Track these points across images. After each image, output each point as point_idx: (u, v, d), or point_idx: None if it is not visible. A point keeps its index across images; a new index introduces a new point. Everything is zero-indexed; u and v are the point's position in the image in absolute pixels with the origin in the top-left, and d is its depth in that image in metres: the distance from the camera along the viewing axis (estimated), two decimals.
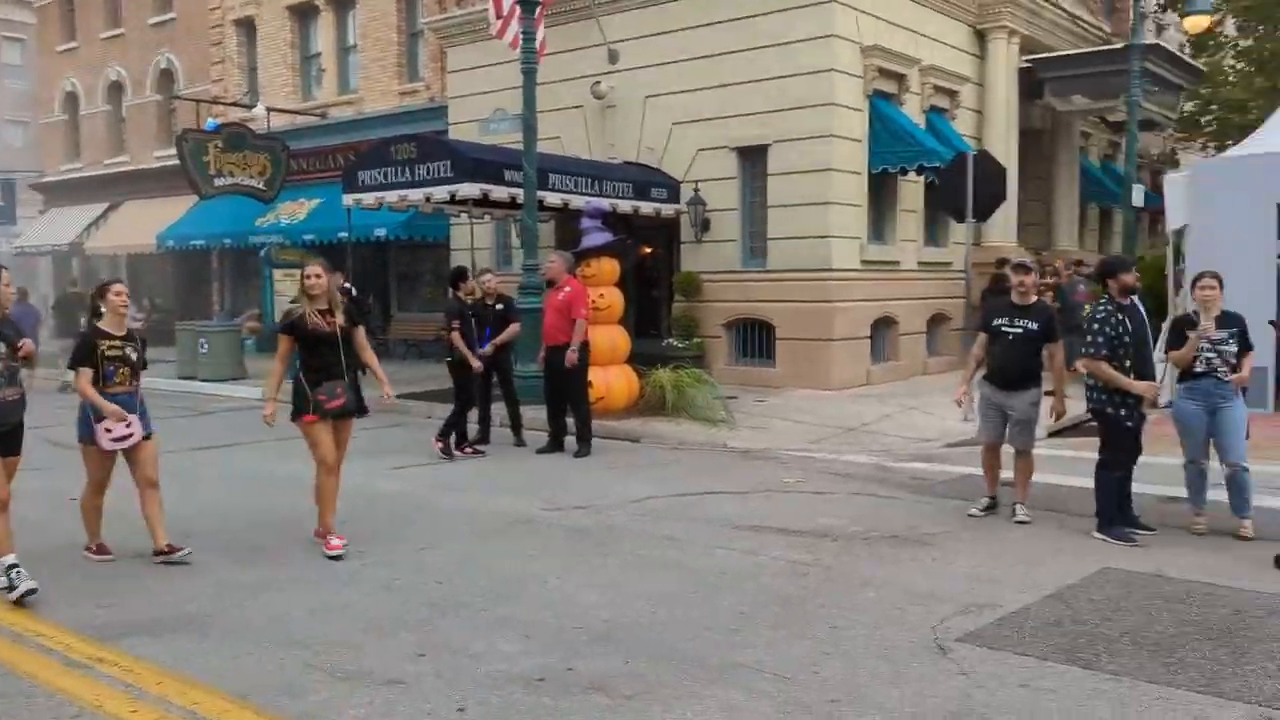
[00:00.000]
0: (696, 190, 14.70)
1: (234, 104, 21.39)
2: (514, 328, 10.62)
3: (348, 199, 14.42)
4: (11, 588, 5.30)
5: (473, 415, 10.45)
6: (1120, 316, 6.34)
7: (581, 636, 4.64)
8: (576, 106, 15.95)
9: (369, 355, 6.57)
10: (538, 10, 12.82)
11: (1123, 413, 6.30)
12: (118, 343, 5.99)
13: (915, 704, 3.83)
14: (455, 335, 10.02)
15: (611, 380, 11.44)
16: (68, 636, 4.77)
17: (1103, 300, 6.50)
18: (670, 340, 14.57)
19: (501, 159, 13.56)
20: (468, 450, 10.10)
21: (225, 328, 16.98)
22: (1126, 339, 6.29)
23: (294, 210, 20.63)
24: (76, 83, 27.37)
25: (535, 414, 11.09)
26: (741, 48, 14.16)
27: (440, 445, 9.83)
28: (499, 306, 10.61)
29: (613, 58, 15.45)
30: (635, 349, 12.04)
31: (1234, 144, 14.55)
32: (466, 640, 4.62)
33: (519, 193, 12.95)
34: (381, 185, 13.96)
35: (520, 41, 13.18)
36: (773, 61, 13.89)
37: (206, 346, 16.51)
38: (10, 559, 5.42)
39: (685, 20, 14.72)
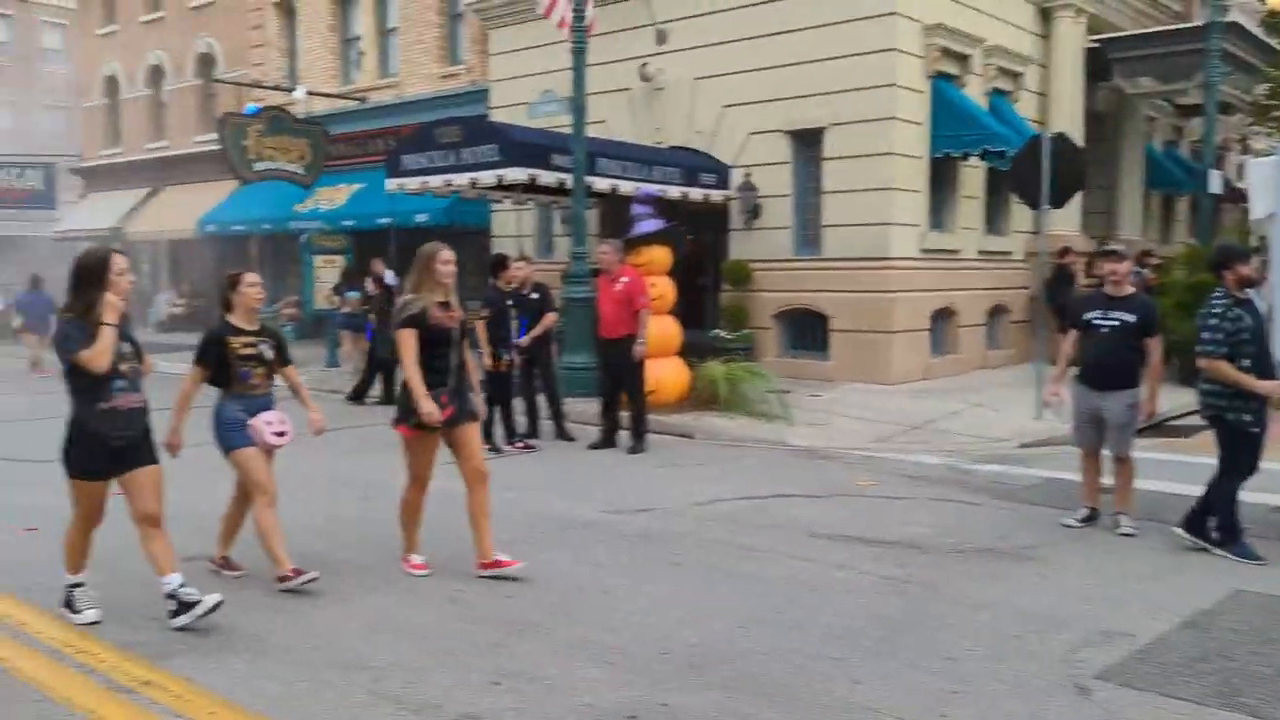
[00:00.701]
0: (748, 175, 14.21)
1: (274, 88, 21.11)
2: (550, 318, 10.21)
3: (391, 183, 14.07)
4: (189, 606, 4.73)
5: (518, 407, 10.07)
6: (1238, 311, 5.82)
7: (668, 664, 4.23)
8: (623, 89, 15.49)
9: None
10: None
11: (1246, 417, 5.78)
12: (251, 339, 5.38)
13: None
14: (480, 325, 9.51)
15: (663, 373, 11.01)
16: (115, 656, 4.42)
17: (1218, 293, 5.97)
18: (717, 331, 14.12)
19: (549, 142, 13.15)
20: (518, 445, 9.73)
21: (266, 314, 16.68)
22: (1246, 335, 5.77)
23: (333, 196, 20.35)
24: (117, 67, 27.24)
25: (580, 407, 10.72)
26: (797, 27, 13.63)
27: (486, 446, 9.51)
28: (534, 296, 10.18)
29: (661, 38, 14.96)
30: (682, 340, 11.60)
31: None
32: (542, 666, 4.22)
33: (566, 178, 12.56)
34: (425, 169, 13.60)
35: (569, 21, 12.76)
36: (830, 41, 13.35)
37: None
38: (173, 580, 4.77)
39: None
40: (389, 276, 14.50)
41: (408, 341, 5.32)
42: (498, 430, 9.64)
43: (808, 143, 13.84)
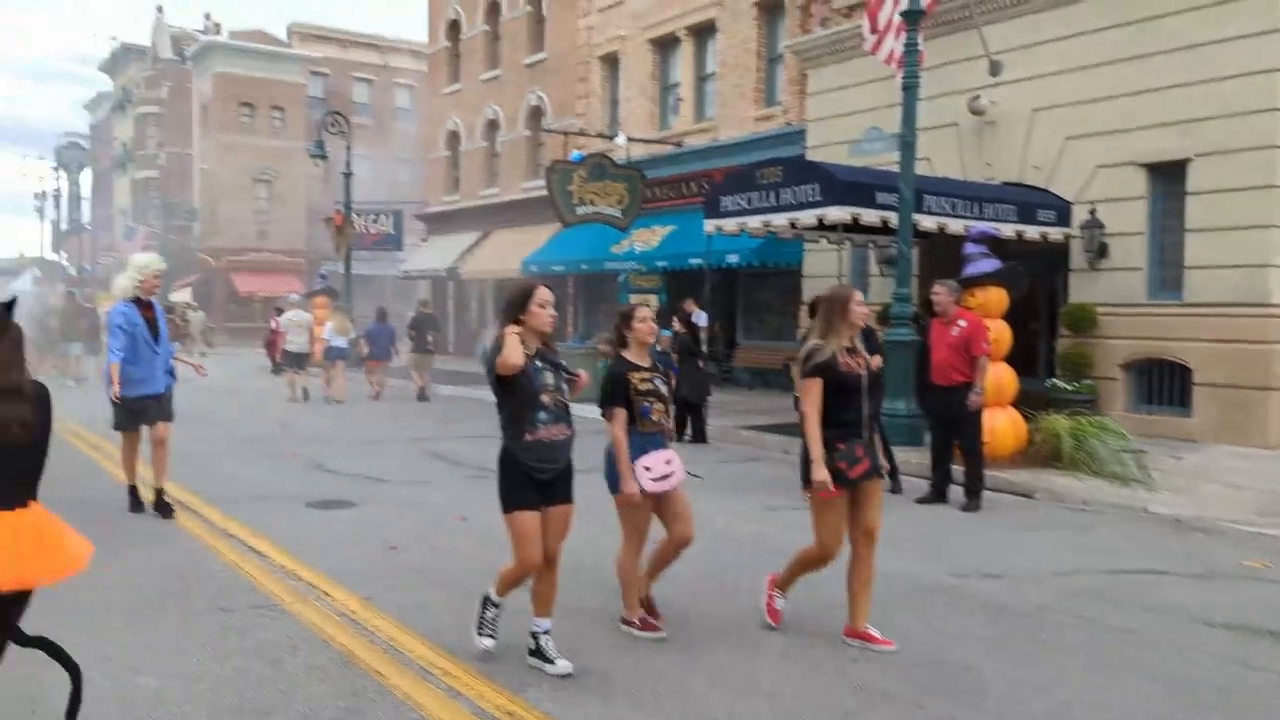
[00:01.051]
0: (1093, 212, 13.04)
1: (597, 135, 22.17)
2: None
3: (709, 225, 14.19)
4: (540, 653, 4.69)
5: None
6: None
7: None
8: (949, 125, 14.80)
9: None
10: (920, 21, 11.91)
11: None
12: (647, 374, 5.16)
13: None
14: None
15: (996, 424, 10.19)
16: (477, 681, 4.50)
17: None
18: (1054, 381, 12.99)
19: (873, 180, 12.73)
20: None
21: (584, 350, 17.41)
22: None
23: (647, 237, 20.97)
24: (459, 121, 29.84)
25: (902, 457, 10.13)
26: (1152, 51, 12.40)
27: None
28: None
29: (995, 69, 14.13)
30: (1016, 390, 10.71)
31: None
32: None
33: (890, 216, 12.08)
34: (744, 210, 13.59)
35: (898, 56, 12.35)
36: (1193, 65, 12.02)
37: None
38: (542, 624, 4.75)
39: (1083, 24, 13.17)
40: (699, 317, 14.61)
41: (813, 392, 4.96)
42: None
43: (1167, 176, 12.50)
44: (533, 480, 4.59)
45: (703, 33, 21.11)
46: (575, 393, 4.77)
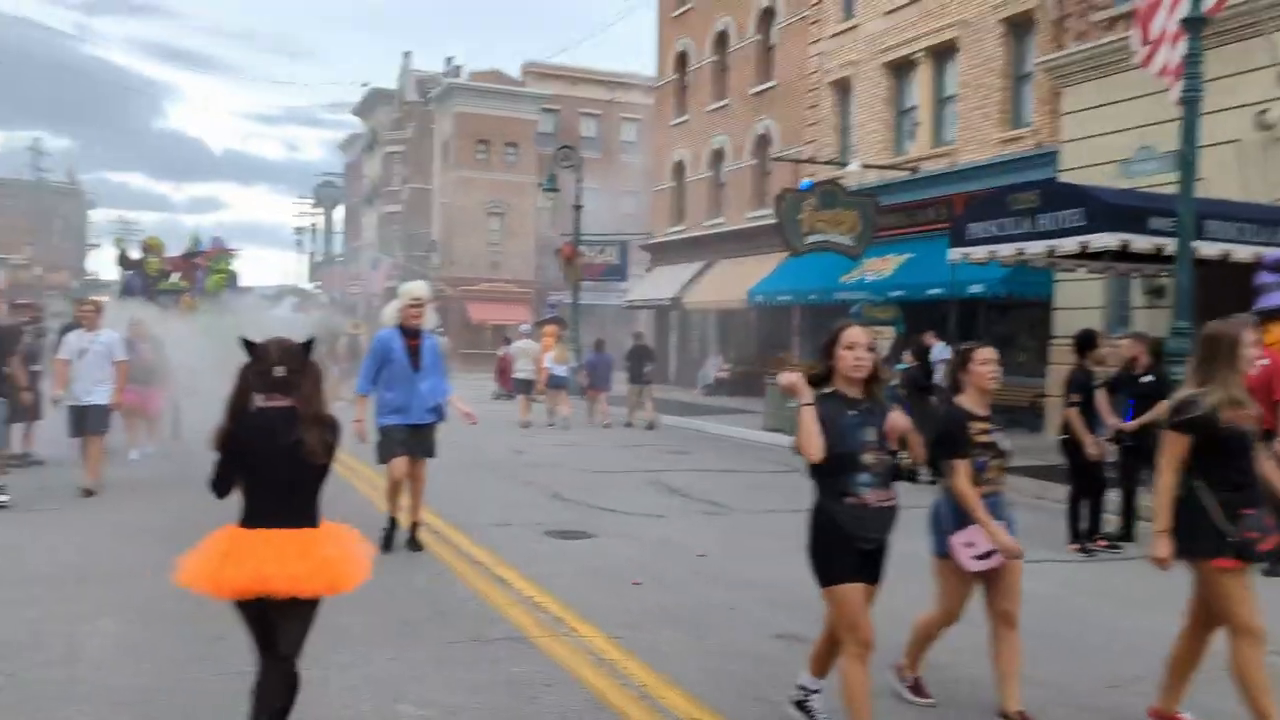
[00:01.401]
0: None
1: (828, 162, 21.68)
2: (1163, 406, 8.76)
3: (954, 253, 13.41)
4: (806, 710, 4.35)
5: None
6: None
7: None
8: (1229, 141, 13.34)
9: None
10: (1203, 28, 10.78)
11: None
12: (984, 424, 4.49)
13: None
14: (1072, 412, 8.53)
15: None
16: None
17: None
18: None
19: (1143, 204, 11.62)
20: (1101, 544, 8.56)
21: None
22: None
23: (880, 266, 20.23)
24: (685, 153, 30.10)
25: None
26: None
27: (1075, 548, 8.51)
28: (1147, 379, 8.85)
29: None
30: None
31: None
32: None
33: (1166, 242, 10.96)
34: (994, 238, 12.73)
35: (1174, 68, 11.22)
36: None
37: (795, 402, 16.49)
38: (816, 683, 4.34)
39: None
40: (939, 350, 13.84)
41: (1174, 449, 4.20)
42: (1082, 526, 8.63)
43: None
44: (856, 550, 3.96)
45: (942, 54, 20.24)
46: (899, 447, 4.09)
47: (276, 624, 3.51)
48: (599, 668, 5.10)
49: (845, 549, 3.96)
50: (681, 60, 30.58)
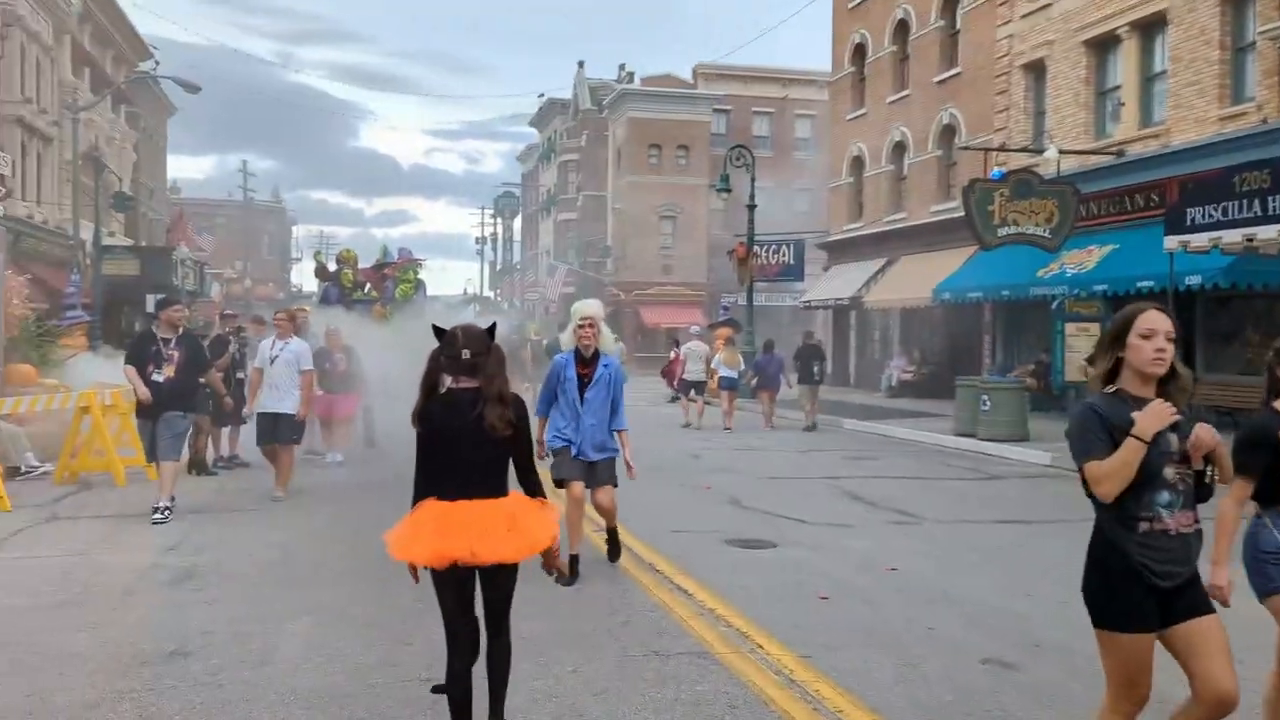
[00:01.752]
0: None
1: (1022, 150, 20.44)
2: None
3: (1171, 241, 12.31)
4: None
5: None
6: None
7: None
8: None
9: None
10: None
11: None
12: None
13: None
14: None
15: None
16: None
17: None
18: None
19: None
20: None
21: (1010, 385, 15.87)
22: None
23: (1081, 259, 18.88)
24: (863, 147, 29.17)
25: None
26: None
27: None
28: None
29: None
30: None
31: None
32: None
33: None
34: (1218, 223, 11.62)
35: None
36: None
37: (989, 404, 15.56)
38: None
39: None
40: None
41: None
42: None
43: None
44: (1150, 589, 3.12)
45: (1150, 27, 18.70)
46: (1206, 465, 3.21)
47: (483, 588, 3.84)
48: (788, 689, 4.75)
49: (1135, 588, 3.13)
50: (859, 52, 29.67)
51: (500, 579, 3.83)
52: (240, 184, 65.29)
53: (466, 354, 3.79)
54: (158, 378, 8.74)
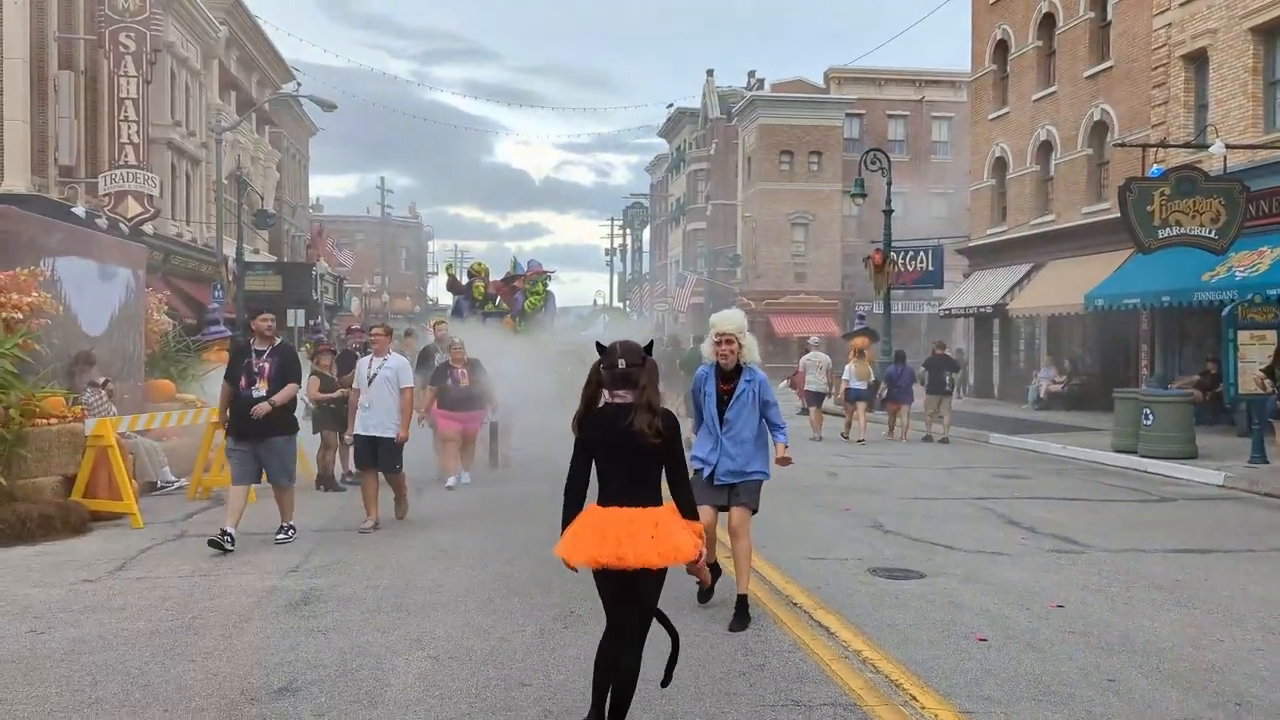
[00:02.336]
0: None
1: (1184, 145, 18.96)
2: None
3: None
4: None
5: None
6: None
7: None
8: None
9: None
10: None
11: None
12: None
13: None
14: None
15: None
16: None
17: None
18: None
19: None
20: None
21: (1176, 398, 14.57)
22: None
23: (1252, 260, 17.34)
24: (1006, 147, 27.77)
25: None
26: None
27: None
28: None
29: None
30: None
31: None
32: None
33: None
34: None
35: None
36: None
37: (1151, 417, 14.33)
38: None
39: None
40: None
41: None
42: None
43: None
44: None
45: None
46: None
47: (635, 588, 4.00)
48: None
49: None
50: (1000, 48, 28.28)
51: (644, 585, 4.01)
52: (378, 200, 67.38)
53: (622, 364, 4.06)
54: (256, 393, 8.12)
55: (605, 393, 4.10)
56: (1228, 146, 17.59)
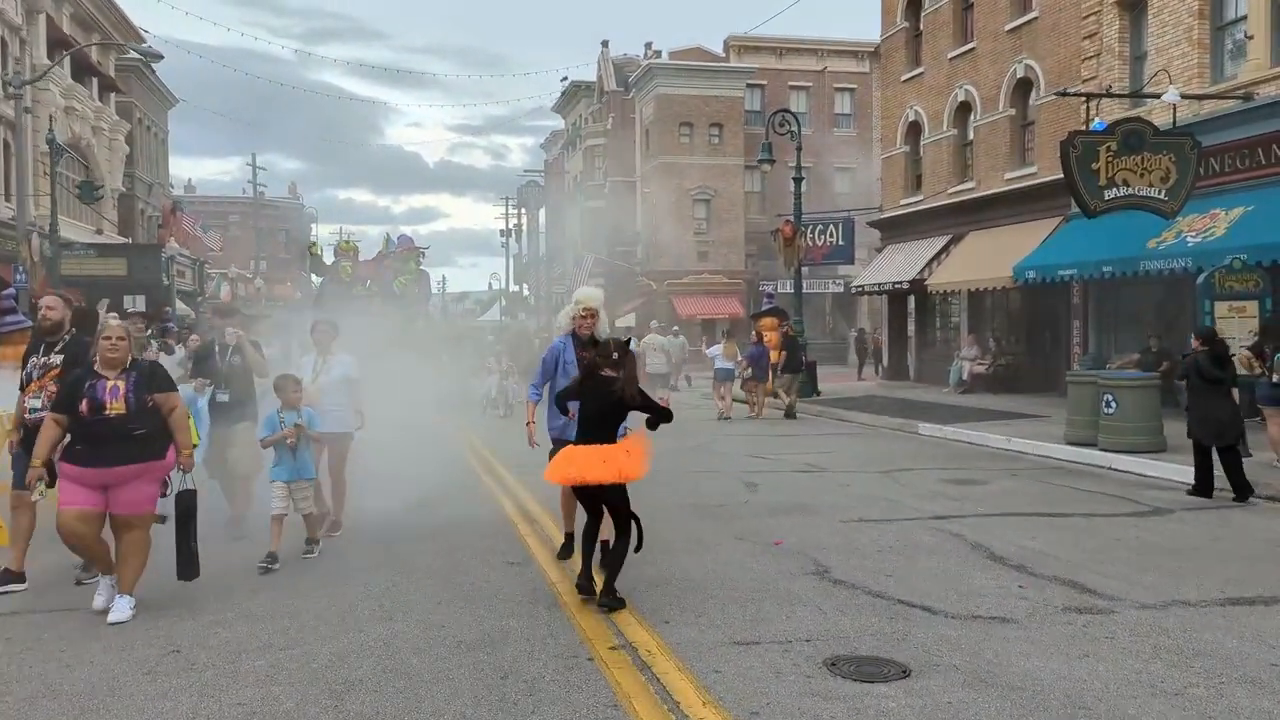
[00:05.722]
0: None
1: (1133, 95, 17.07)
2: None
3: None
4: None
5: None
6: None
7: None
8: None
9: None
10: None
11: None
12: None
13: None
14: None
15: None
16: None
17: None
18: None
19: None
20: None
21: (1143, 381, 12.54)
22: None
23: (1205, 224, 15.60)
24: (920, 110, 25.81)
25: None
26: None
27: None
28: None
29: None
30: None
31: None
32: None
33: None
34: None
35: None
36: None
37: (1114, 405, 12.31)
38: None
39: None
40: None
41: None
42: None
43: None
44: None
45: None
46: None
47: (601, 497, 6.07)
48: None
49: None
50: (913, 5, 26.31)
51: (609, 494, 6.02)
52: (249, 179, 62.72)
53: (616, 355, 6.15)
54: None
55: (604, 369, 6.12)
56: (1181, 96, 15.74)
